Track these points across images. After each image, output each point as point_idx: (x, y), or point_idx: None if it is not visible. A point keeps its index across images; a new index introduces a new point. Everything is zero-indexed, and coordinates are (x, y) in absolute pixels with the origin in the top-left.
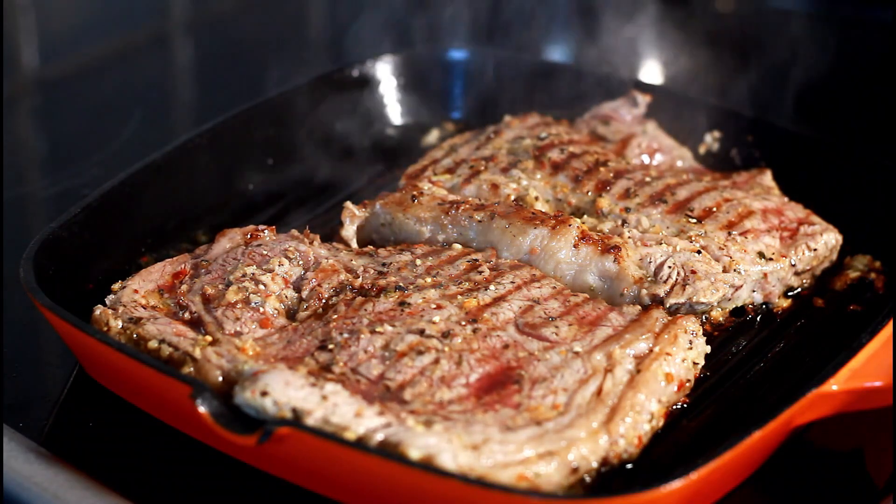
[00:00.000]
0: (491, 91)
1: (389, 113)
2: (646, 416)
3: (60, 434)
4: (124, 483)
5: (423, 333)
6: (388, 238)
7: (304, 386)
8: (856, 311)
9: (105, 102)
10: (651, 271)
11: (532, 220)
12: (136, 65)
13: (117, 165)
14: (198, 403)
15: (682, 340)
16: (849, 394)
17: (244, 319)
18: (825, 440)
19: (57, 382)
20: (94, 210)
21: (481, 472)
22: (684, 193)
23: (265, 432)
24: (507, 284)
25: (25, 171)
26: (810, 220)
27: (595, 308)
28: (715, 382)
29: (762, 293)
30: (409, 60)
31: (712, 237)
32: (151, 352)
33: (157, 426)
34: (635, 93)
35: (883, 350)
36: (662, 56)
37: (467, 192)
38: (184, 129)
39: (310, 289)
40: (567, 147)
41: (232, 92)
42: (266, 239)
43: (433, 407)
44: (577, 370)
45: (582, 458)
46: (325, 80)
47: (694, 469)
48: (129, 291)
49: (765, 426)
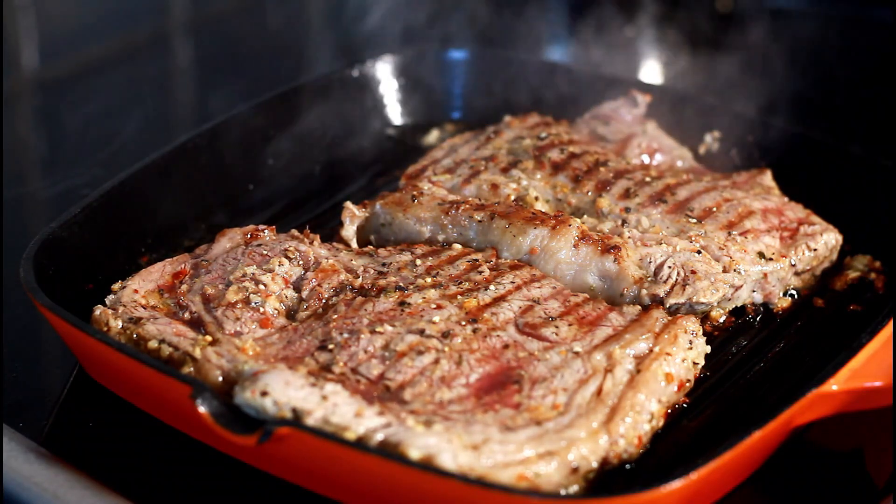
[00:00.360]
0: (491, 91)
1: (389, 113)
2: (646, 416)
3: (60, 434)
4: (124, 483)
5: (423, 333)
6: (388, 238)
7: (304, 386)
8: (856, 311)
9: (105, 102)
10: (651, 271)
11: (532, 220)
12: (136, 65)
13: (117, 165)
14: (198, 403)
15: (682, 340)
16: (849, 394)
17: (244, 319)
18: (825, 440)
19: (57, 382)
20: (94, 210)
21: (481, 472)
22: (684, 193)
23: (265, 432)
24: (507, 284)
25: (25, 171)
26: (810, 220)
27: (595, 308)
28: (715, 382)
29: (762, 293)
30: (409, 60)
31: (712, 237)
32: (151, 352)
33: (157, 426)
34: (635, 93)
35: (883, 350)
36: (662, 56)
37: (467, 192)
38: (184, 129)
39: (310, 289)
40: (567, 147)
41: (232, 92)
42: (266, 239)
43: (433, 407)
44: (577, 370)
45: (582, 458)
46: (326, 80)
47: (694, 469)
48: (129, 291)
49: (765, 426)
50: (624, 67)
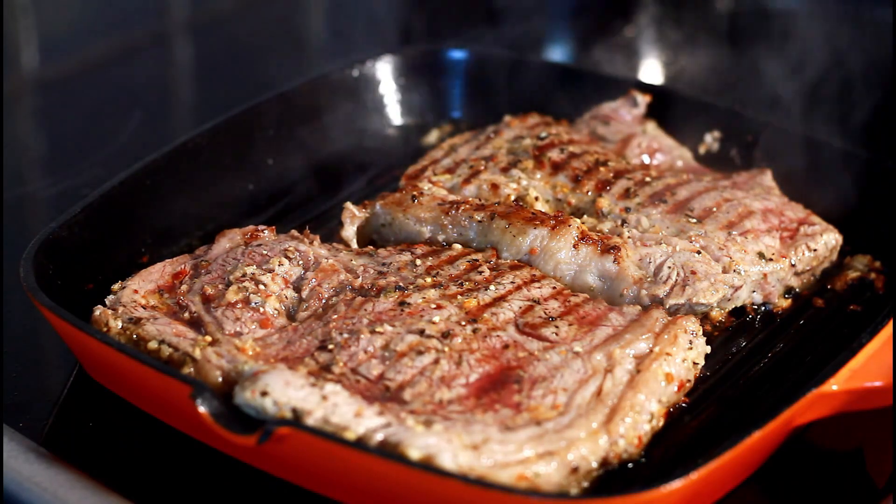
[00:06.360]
0: (491, 91)
1: (389, 113)
2: (646, 416)
3: (60, 434)
4: (124, 483)
5: (422, 333)
6: (388, 238)
7: (304, 386)
8: (856, 311)
9: (105, 102)
10: (651, 271)
11: (532, 221)
12: (136, 65)
13: (117, 165)
14: (198, 403)
15: (682, 340)
16: (849, 394)
17: (244, 319)
18: (825, 440)
19: (57, 382)
20: (94, 210)
21: (481, 472)
22: (684, 193)
23: (265, 432)
24: (507, 284)
25: (25, 171)
26: (810, 220)
27: (595, 308)
28: (715, 382)
29: (762, 293)
30: (409, 60)
31: (712, 237)
32: (151, 352)
33: (157, 426)
34: (635, 93)
35: (883, 350)
36: (662, 56)
37: (467, 192)
38: (184, 129)
39: (310, 289)
40: (567, 147)
41: (232, 92)
42: (266, 239)
43: (433, 407)
44: (577, 370)
45: (582, 458)
46: (326, 80)
47: (694, 469)
48: (129, 291)
49: (765, 426)
50: (624, 67)
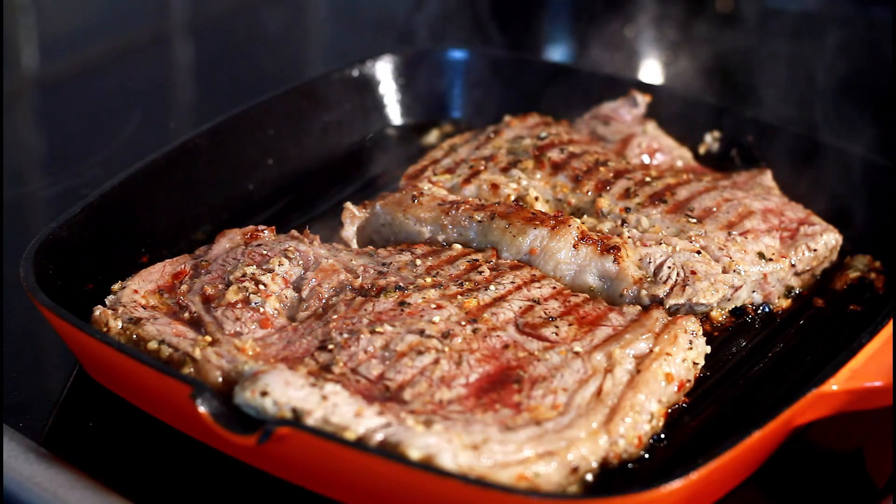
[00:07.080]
0: (491, 91)
1: (389, 113)
2: (646, 416)
3: (60, 434)
4: (124, 483)
5: (423, 333)
6: (388, 238)
7: (304, 386)
8: (856, 311)
9: (105, 102)
10: (651, 271)
11: (532, 221)
12: (136, 65)
13: (117, 165)
14: (198, 403)
15: (682, 340)
16: (849, 394)
17: (244, 319)
18: (825, 440)
19: (57, 382)
20: (94, 210)
21: (481, 471)
22: (684, 193)
23: (265, 432)
24: (507, 284)
25: (25, 171)
26: (810, 220)
27: (595, 308)
28: (715, 382)
29: (762, 293)
30: (409, 60)
31: (712, 237)
32: (151, 352)
33: (157, 426)
34: (635, 93)
35: (883, 350)
36: (662, 56)
37: (467, 192)
38: (184, 129)
39: (310, 289)
40: (567, 147)
41: (232, 92)
42: (266, 239)
43: (433, 407)
44: (577, 370)
45: (582, 458)
46: (326, 80)
47: (694, 469)
48: (129, 292)
49: (765, 426)
50: (624, 67)
